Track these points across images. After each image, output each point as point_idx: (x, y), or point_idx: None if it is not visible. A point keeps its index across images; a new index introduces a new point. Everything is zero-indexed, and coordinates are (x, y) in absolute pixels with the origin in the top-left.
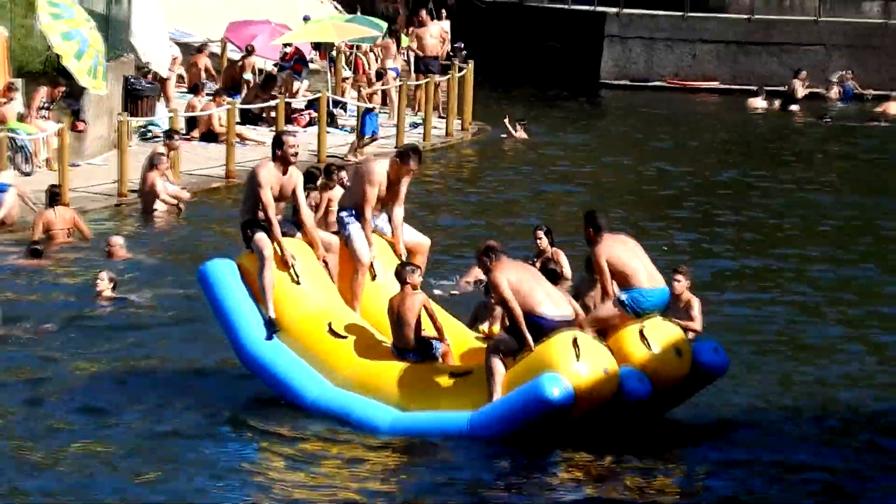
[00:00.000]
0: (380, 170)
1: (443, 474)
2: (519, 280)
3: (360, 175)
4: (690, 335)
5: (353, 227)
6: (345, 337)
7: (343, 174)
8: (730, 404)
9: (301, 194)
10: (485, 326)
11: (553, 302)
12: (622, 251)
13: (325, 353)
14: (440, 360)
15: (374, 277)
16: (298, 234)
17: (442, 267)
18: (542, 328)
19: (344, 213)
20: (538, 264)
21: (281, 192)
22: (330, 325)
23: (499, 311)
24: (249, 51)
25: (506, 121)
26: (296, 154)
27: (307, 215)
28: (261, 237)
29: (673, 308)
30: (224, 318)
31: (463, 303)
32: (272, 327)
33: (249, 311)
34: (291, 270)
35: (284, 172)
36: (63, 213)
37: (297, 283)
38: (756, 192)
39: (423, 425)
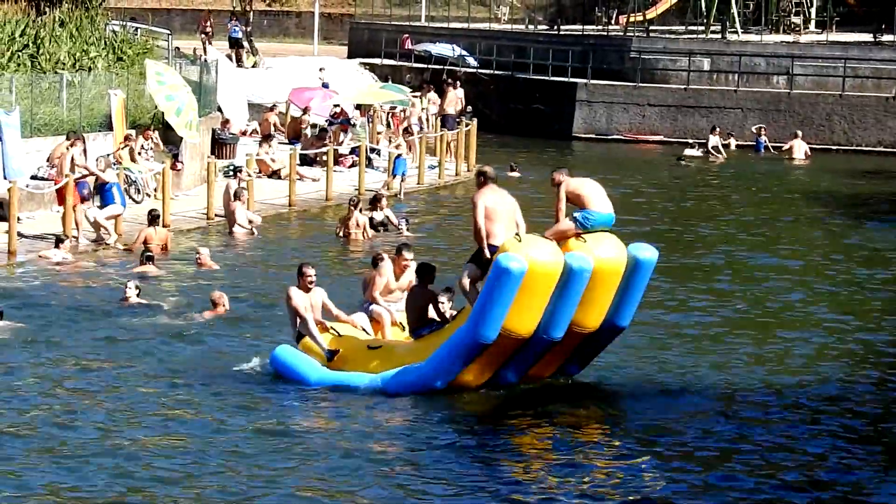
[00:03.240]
0: (386, 268)
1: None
2: (493, 207)
3: (373, 273)
4: None
5: (375, 311)
6: (380, 346)
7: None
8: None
9: (329, 305)
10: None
11: (503, 234)
12: (581, 182)
13: (369, 359)
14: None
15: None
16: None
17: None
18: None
19: (365, 306)
20: None
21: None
22: (367, 345)
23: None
24: (305, 110)
25: (511, 172)
26: (313, 283)
27: (337, 313)
28: (310, 328)
29: None
30: (297, 375)
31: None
32: (332, 355)
33: (308, 361)
34: (332, 331)
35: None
36: (160, 231)
37: (339, 336)
38: (687, 213)
39: (435, 359)
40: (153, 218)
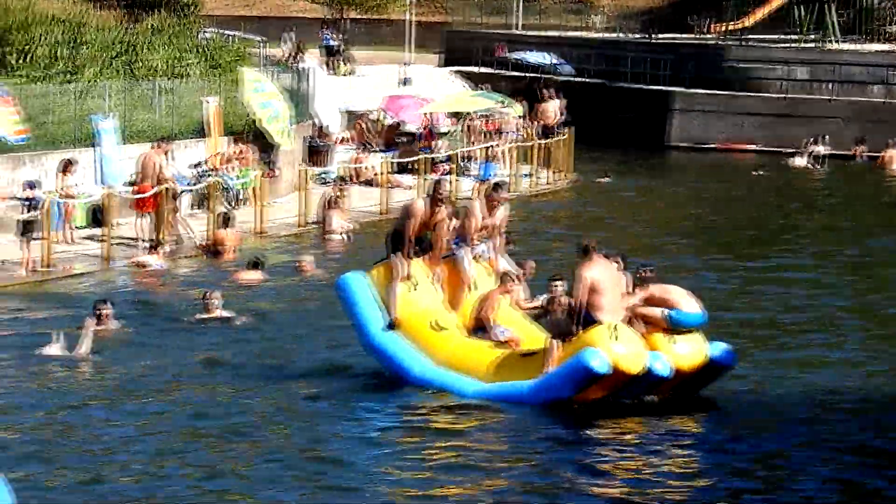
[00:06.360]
0: (477, 206)
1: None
2: (598, 281)
3: (464, 212)
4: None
5: (461, 253)
6: (445, 329)
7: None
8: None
9: (442, 230)
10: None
11: (611, 313)
12: (665, 289)
13: (428, 340)
14: (502, 340)
15: (470, 290)
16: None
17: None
18: (589, 324)
19: (455, 241)
20: None
21: (426, 224)
22: (435, 321)
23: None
24: (399, 122)
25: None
26: (444, 198)
27: (438, 247)
28: (398, 258)
29: None
30: (354, 315)
31: None
32: (393, 325)
33: (372, 312)
34: (412, 281)
35: (432, 209)
36: (233, 233)
37: (415, 290)
38: (785, 221)
39: (498, 392)
40: (226, 220)
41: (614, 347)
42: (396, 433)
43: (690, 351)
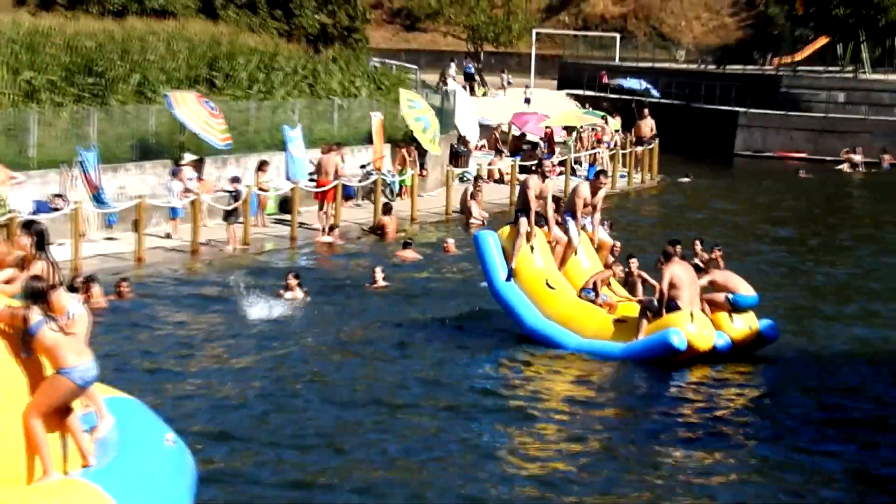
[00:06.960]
0: (584, 187)
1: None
2: (678, 277)
3: (573, 191)
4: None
5: (570, 223)
6: (554, 289)
7: (602, 177)
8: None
9: (550, 200)
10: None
11: (689, 303)
12: (726, 275)
13: (541, 297)
14: (598, 304)
15: (575, 254)
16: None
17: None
18: (673, 309)
19: (566, 214)
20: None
21: (539, 194)
22: (547, 281)
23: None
24: (523, 133)
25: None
26: (550, 172)
27: (551, 215)
28: (523, 220)
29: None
30: (485, 264)
31: None
32: (511, 275)
33: (500, 264)
34: (531, 243)
35: (543, 181)
36: (392, 219)
37: (532, 251)
38: (832, 219)
39: (594, 348)
40: (387, 209)
41: (691, 329)
42: (515, 381)
43: (745, 327)
